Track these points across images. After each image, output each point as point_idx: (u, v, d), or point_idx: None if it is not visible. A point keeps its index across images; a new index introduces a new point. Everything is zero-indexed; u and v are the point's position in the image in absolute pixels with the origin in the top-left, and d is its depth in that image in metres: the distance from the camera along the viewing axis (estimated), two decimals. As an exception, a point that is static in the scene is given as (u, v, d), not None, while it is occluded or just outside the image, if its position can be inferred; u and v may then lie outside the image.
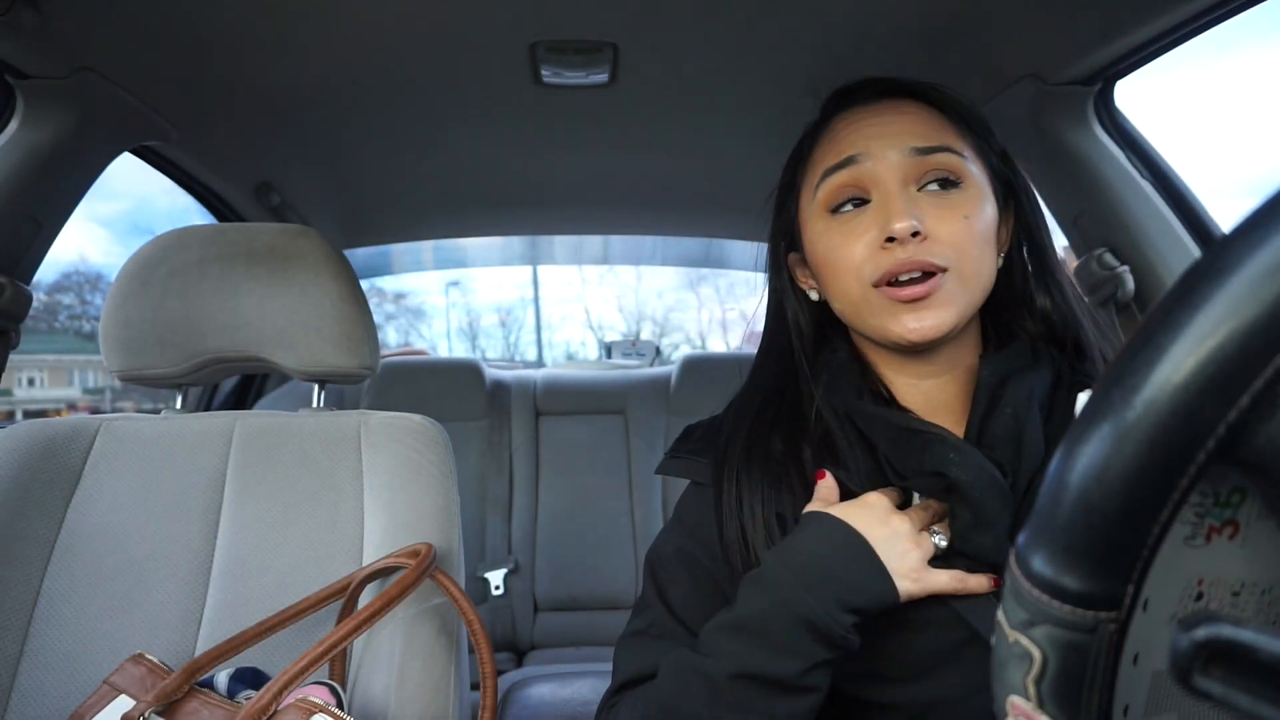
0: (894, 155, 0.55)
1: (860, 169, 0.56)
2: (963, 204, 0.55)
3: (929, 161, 0.55)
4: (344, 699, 0.64)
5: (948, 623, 0.53)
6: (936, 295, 0.53)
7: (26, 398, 4.86)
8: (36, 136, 0.89)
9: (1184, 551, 0.26)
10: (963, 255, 0.54)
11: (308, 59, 0.94)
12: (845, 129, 0.59)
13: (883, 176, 0.56)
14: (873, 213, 0.56)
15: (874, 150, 0.56)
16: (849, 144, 0.57)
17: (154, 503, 0.80)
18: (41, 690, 0.72)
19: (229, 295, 0.84)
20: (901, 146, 0.55)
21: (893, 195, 0.55)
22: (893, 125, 0.57)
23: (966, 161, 0.56)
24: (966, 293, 0.55)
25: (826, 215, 0.58)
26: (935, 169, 0.55)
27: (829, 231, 0.58)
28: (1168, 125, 1.22)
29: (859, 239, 0.56)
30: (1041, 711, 0.24)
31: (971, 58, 0.92)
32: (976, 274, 0.55)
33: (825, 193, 0.58)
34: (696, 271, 4.67)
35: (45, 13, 0.76)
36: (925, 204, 0.55)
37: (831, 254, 0.58)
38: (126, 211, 4.35)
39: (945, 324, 0.54)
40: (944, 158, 0.55)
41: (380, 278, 2.21)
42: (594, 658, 1.55)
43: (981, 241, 0.55)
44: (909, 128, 0.57)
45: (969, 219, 0.54)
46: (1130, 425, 0.21)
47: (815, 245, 0.60)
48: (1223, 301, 0.20)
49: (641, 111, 1.12)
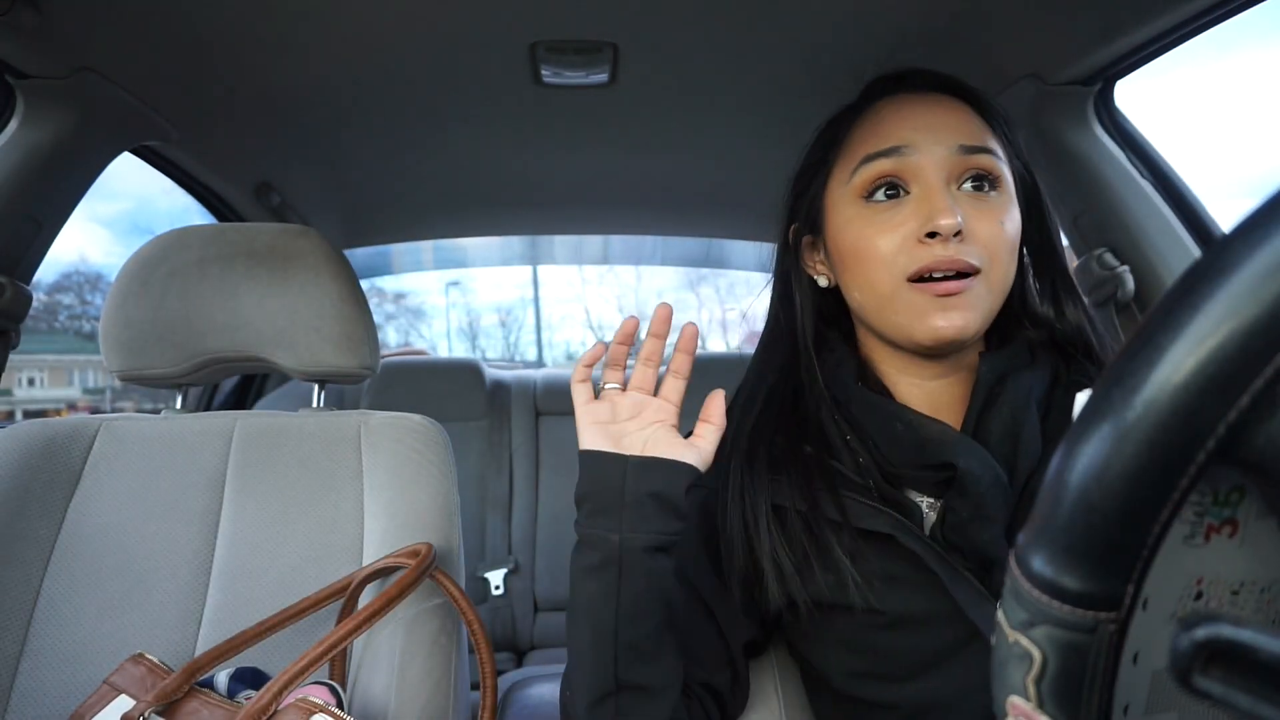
0: (940, 150, 0.55)
1: (905, 159, 0.55)
2: (999, 208, 0.55)
3: (972, 161, 0.55)
4: (344, 699, 0.64)
5: (948, 621, 0.53)
6: (965, 296, 0.53)
7: (26, 398, 4.86)
8: (36, 136, 0.89)
9: (1183, 551, 0.26)
10: (995, 260, 0.54)
11: (308, 59, 0.94)
12: (891, 116, 0.57)
13: (927, 170, 0.55)
14: (913, 205, 0.55)
15: (921, 142, 0.55)
16: (895, 132, 0.56)
17: (154, 503, 0.80)
18: (41, 690, 0.72)
19: (229, 295, 0.84)
20: (949, 142, 0.55)
21: (937, 190, 0.54)
22: (942, 120, 0.56)
23: (1003, 165, 0.56)
24: (992, 298, 0.55)
25: (859, 201, 0.57)
26: (977, 169, 0.55)
27: (860, 218, 0.57)
28: (1168, 125, 1.22)
29: (895, 230, 0.55)
30: (1041, 711, 0.24)
31: (971, 58, 0.92)
32: (1003, 280, 0.55)
33: (862, 178, 0.57)
34: (696, 271, 4.67)
35: (45, 13, 0.76)
36: (965, 203, 0.54)
37: (862, 243, 0.56)
38: (128, 211, 4.35)
39: (970, 327, 0.53)
40: (986, 159, 0.55)
41: (380, 278, 2.21)
42: (594, 658, 1.54)
43: (1011, 249, 0.55)
44: (957, 125, 0.56)
45: (1004, 224, 0.54)
46: (1130, 425, 0.21)
47: (843, 231, 0.58)
48: (1223, 301, 0.20)
49: (641, 111, 1.12)
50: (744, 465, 0.60)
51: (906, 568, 0.54)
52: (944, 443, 0.54)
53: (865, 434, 0.58)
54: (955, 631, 0.53)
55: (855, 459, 0.58)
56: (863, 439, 0.58)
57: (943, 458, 0.53)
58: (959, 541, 0.53)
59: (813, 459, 0.58)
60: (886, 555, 0.55)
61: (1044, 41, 0.88)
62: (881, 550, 0.55)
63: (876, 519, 0.54)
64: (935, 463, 0.54)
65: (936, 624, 0.54)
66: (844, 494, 0.56)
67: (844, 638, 0.57)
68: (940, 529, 0.54)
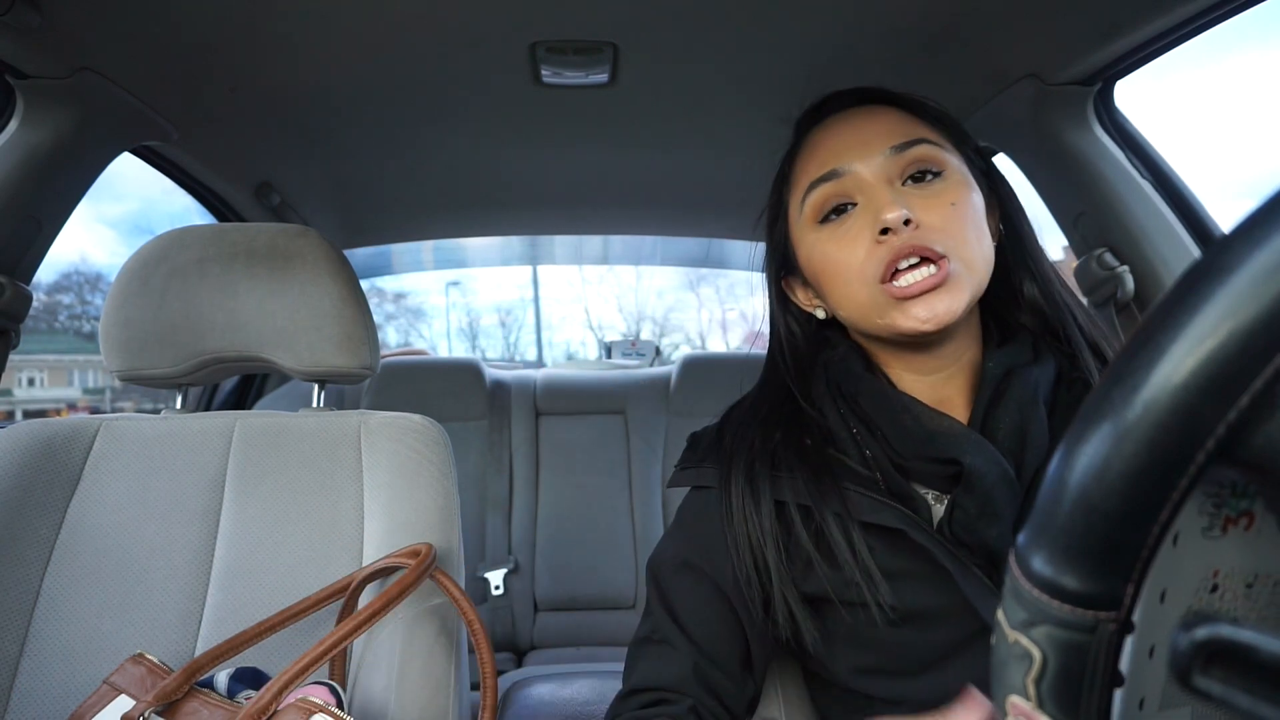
0: (874, 159, 0.56)
1: (843, 180, 0.57)
2: (946, 191, 0.56)
3: (908, 156, 0.56)
4: (344, 699, 0.64)
5: (957, 616, 0.53)
6: (946, 284, 0.54)
7: (26, 398, 4.86)
8: (36, 136, 0.89)
9: (1201, 543, 0.26)
10: (958, 240, 0.54)
11: (308, 59, 0.94)
12: (823, 141, 0.60)
13: (866, 180, 0.56)
14: (861, 213, 0.57)
15: (853, 158, 0.57)
16: (830, 155, 0.58)
17: (154, 503, 0.80)
18: (41, 690, 0.72)
19: (229, 295, 0.84)
20: (879, 148, 0.57)
21: (879, 191, 0.56)
22: (868, 130, 0.58)
23: (944, 151, 0.57)
24: (972, 276, 0.55)
25: (816, 226, 0.59)
26: (915, 161, 0.56)
27: (821, 241, 0.59)
28: (1168, 125, 1.22)
29: (854, 241, 0.56)
30: (1041, 711, 0.24)
31: (971, 58, 0.92)
32: (976, 257, 0.56)
33: (812, 205, 0.59)
34: (696, 271, 4.67)
35: (45, 13, 0.76)
36: (912, 196, 0.55)
37: (829, 261, 0.58)
38: (133, 213, 4.35)
39: (957, 308, 0.54)
40: (922, 149, 0.56)
41: (380, 278, 2.21)
42: (594, 658, 1.55)
43: (973, 226, 0.56)
44: (884, 129, 0.58)
45: (956, 205, 0.55)
46: (1130, 425, 0.21)
47: (811, 257, 0.60)
48: (1223, 301, 0.20)
49: (641, 111, 1.12)
50: (745, 463, 0.60)
51: (915, 563, 0.54)
52: (952, 437, 0.54)
53: (874, 426, 0.58)
54: (964, 627, 0.53)
55: (862, 452, 0.58)
56: (871, 431, 0.58)
57: (950, 453, 0.53)
58: (966, 537, 0.53)
59: (815, 453, 0.58)
60: (894, 550, 0.55)
61: (1044, 41, 0.88)
62: (889, 545, 0.55)
63: (884, 513, 0.54)
64: (943, 458, 0.54)
65: (946, 619, 0.54)
66: (850, 488, 0.56)
67: (851, 634, 0.57)
68: (948, 524, 0.54)
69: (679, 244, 2.09)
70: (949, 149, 0.58)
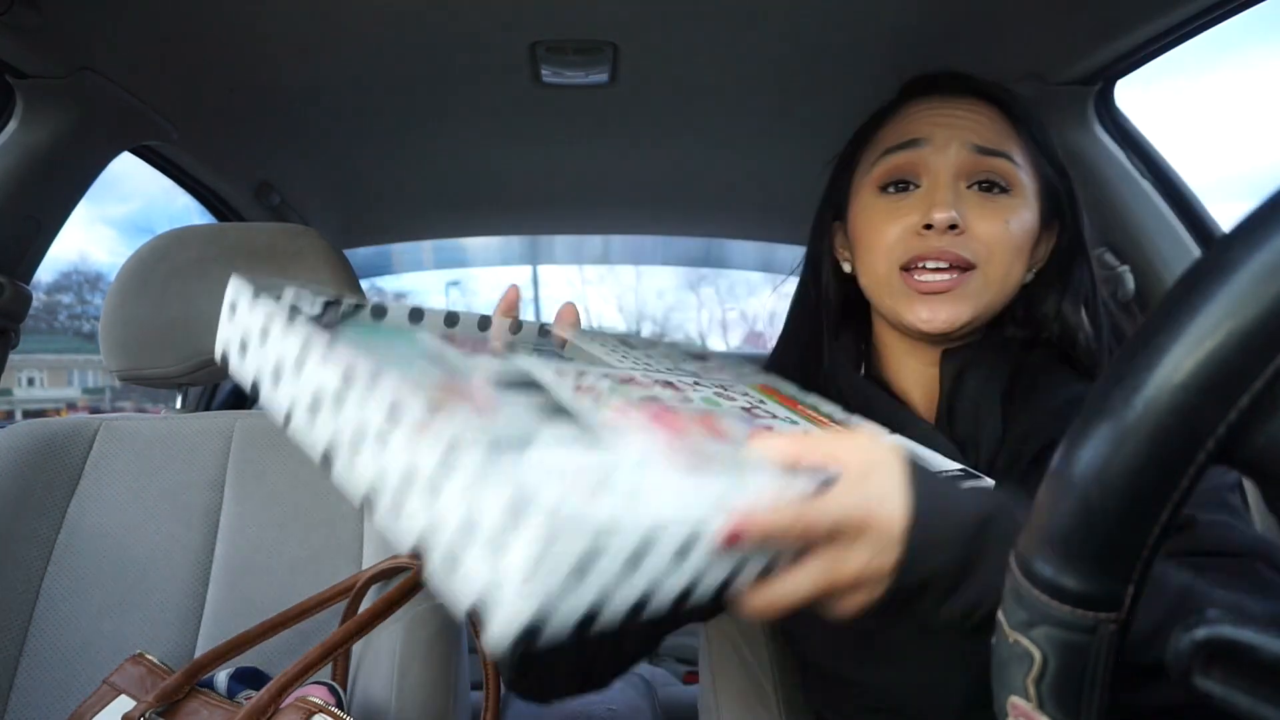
0: (954, 147, 0.57)
1: (918, 153, 0.58)
2: (1006, 209, 0.56)
3: (985, 163, 0.57)
4: (344, 699, 0.64)
5: None
6: (957, 290, 0.55)
7: (26, 397, 4.86)
8: (36, 136, 0.89)
9: None
10: (994, 257, 0.55)
11: (307, 59, 0.94)
12: (914, 114, 0.60)
13: (937, 166, 0.57)
14: (917, 198, 0.57)
15: (936, 138, 0.57)
16: (914, 128, 0.59)
17: (154, 503, 0.80)
18: (41, 690, 0.72)
19: (229, 295, 0.84)
20: (963, 141, 0.57)
21: (941, 185, 0.56)
22: (960, 119, 0.58)
23: (1019, 171, 0.57)
24: (989, 293, 0.56)
25: (875, 191, 0.60)
26: (989, 171, 0.57)
27: (873, 207, 0.60)
28: (1168, 125, 1.22)
29: (899, 220, 0.57)
30: (1041, 712, 0.24)
31: (971, 58, 0.92)
32: (1003, 278, 0.56)
33: (880, 170, 0.60)
34: (696, 271, 4.67)
35: (45, 13, 0.76)
36: (970, 201, 0.56)
37: (869, 229, 0.59)
38: (133, 212, 4.35)
39: (959, 319, 0.55)
40: (1000, 163, 0.57)
41: (380, 278, 2.21)
42: (594, 658, 1.54)
43: (1015, 248, 0.56)
44: (975, 125, 0.58)
45: (1009, 224, 0.56)
46: (1130, 425, 0.21)
47: (858, 218, 0.62)
48: (1223, 301, 0.20)
49: (641, 111, 1.12)
50: None
51: None
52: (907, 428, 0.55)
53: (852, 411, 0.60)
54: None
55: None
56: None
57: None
58: None
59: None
60: None
61: (1044, 41, 0.88)
62: None
63: None
64: None
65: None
66: None
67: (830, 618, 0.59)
68: None
69: (679, 244, 2.09)
70: (1025, 168, 0.58)
